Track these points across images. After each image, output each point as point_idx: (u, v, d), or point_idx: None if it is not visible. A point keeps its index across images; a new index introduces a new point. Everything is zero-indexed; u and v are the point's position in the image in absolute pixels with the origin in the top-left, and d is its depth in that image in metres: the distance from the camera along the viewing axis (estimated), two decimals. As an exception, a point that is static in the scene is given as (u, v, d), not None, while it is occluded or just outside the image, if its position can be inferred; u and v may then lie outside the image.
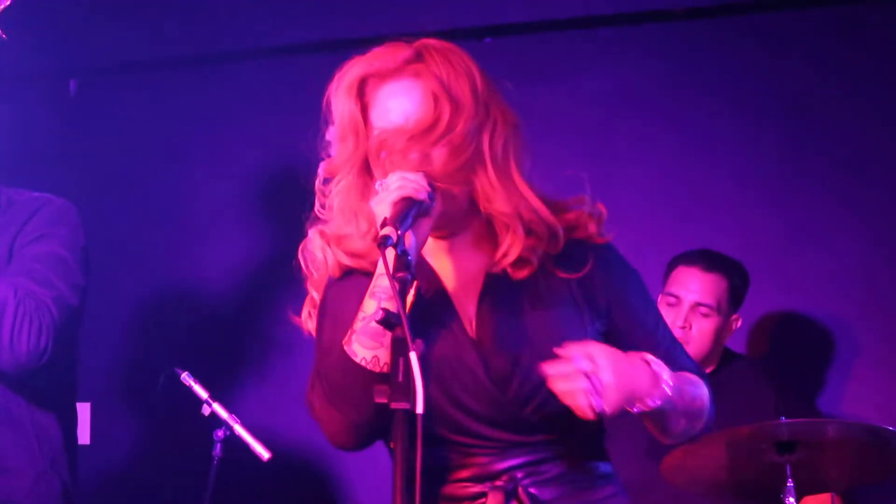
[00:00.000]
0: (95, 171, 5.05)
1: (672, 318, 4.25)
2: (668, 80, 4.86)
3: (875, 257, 4.66)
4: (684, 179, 4.82)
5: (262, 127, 4.99)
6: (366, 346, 2.42)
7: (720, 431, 3.86)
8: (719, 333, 4.32)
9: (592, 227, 2.64)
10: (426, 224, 2.46)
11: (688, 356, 2.72)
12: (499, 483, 2.52)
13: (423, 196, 2.43)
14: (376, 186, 2.48)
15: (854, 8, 4.72)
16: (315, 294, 2.65)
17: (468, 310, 2.58)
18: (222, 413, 4.04)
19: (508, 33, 4.94)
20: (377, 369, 2.41)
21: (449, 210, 2.53)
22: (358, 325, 2.43)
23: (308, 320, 2.67)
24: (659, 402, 2.47)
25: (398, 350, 2.25)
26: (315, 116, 2.65)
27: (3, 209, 3.42)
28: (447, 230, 2.59)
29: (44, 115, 4.92)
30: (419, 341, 2.23)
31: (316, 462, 4.82)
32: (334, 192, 2.59)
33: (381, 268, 2.40)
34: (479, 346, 2.54)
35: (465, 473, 2.53)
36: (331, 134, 2.60)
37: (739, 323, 4.39)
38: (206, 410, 4.05)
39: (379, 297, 2.42)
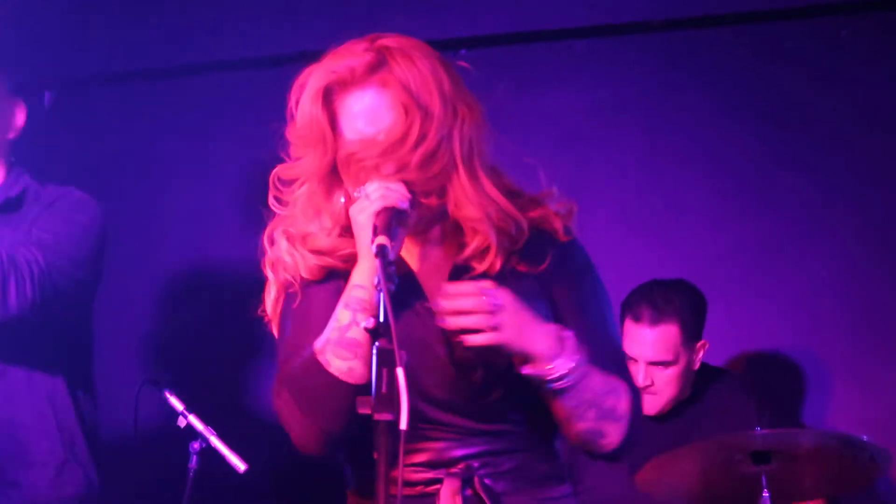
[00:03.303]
0: (69, 182, 5.03)
1: (632, 376, 4.21)
2: (645, 93, 4.87)
3: (851, 270, 4.68)
4: (660, 192, 4.83)
5: (238, 138, 4.98)
6: (341, 357, 2.41)
7: (694, 444, 3.88)
8: (685, 371, 4.26)
9: (557, 224, 2.64)
10: (402, 233, 2.46)
11: (619, 364, 2.64)
12: (454, 470, 2.51)
13: (404, 206, 2.43)
14: (354, 193, 2.48)
15: (830, 19, 4.74)
16: (273, 291, 2.63)
17: (436, 296, 2.56)
18: (198, 425, 4.03)
19: (484, 45, 4.94)
20: (352, 381, 2.41)
21: (423, 216, 2.54)
22: (333, 334, 2.43)
23: (271, 304, 2.65)
24: (556, 373, 2.44)
25: (382, 360, 2.25)
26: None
27: (29, 203, 3.58)
28: (418, 231, 2.58)
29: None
30: (404, 353, 2.23)
31: (293, 474, 4.81)
32: (298, 195, 2.58)
33: (355, 279, 2.44)
34: (445, 332, 2.51)
35: (420, 458, 2.51)
36: (290, 133, 2.57)
37: (706, 347, 4.32)
38: (181, 422, 4.04)
39: (354, 308, 2.42)
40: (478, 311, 2.35)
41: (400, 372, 2.21)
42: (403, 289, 2.46)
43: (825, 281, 4.69)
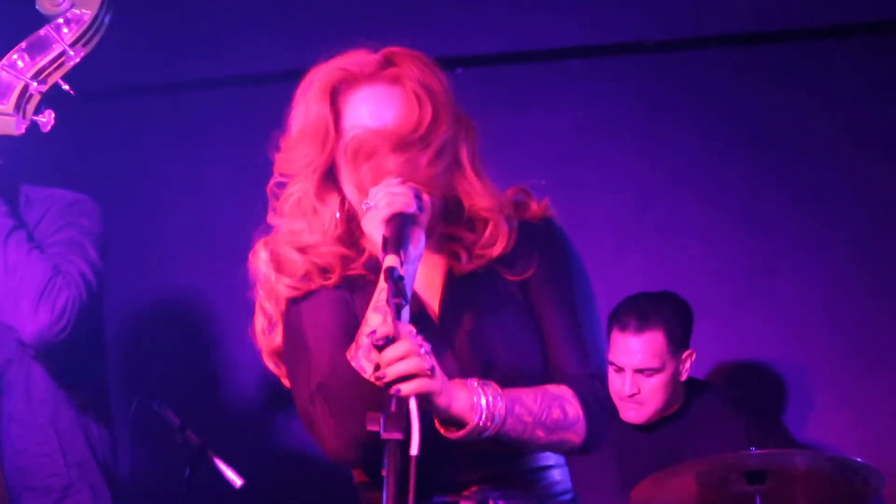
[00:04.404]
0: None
1: (619, 385, 4.24)
2: (638, 113, 4.89)
3: (840, 288, 4.70)
4: (653, 210, 4.85)
5: (234, 153, 4.98)
6: (373, 361, 2.34)
7: (689, 462, 3.89)
8: (672, 381, 4.27)
9: (534, 206, 2.66)
10: (419, 233, 2.45)
11: (591, 352, 2.62)
12: (468, 493, 2.52)
13: (413, 209, 2.42)
14: (363, 206, 2.46)
15: (820, 42, 4.78)
16: (269, 307, 2.61)
17: (433, 307, 2.59)
18: (194, 440, 4.03)
19: (480, 64, 4.96)
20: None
21: (432, 215, 2.52)
22: (363, 339, 2.40)
23: (262, 335, 2.63)
24: (480, 425, 2.40)
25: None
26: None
27: (22, 210, 3.43)
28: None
29: (15, 139, 4.88)
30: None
31: (290, 490, 4.80)
32: (290, 196, 2.57)
33: (382, 283, 2.37)
34: (450, 344, 2.53)
35: (435, 482, 2.50)
36: (286, 139, 2.57)
37: (693, 357, 4.33)
38: (178, 438, 4.03)
39: (384, 310, 2.36)
40: (413, 354, 2.28)
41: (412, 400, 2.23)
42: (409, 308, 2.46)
43: (815, 298, 4.71)
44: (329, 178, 2.56)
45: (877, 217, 4.73)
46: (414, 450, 2.19)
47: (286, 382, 2.65)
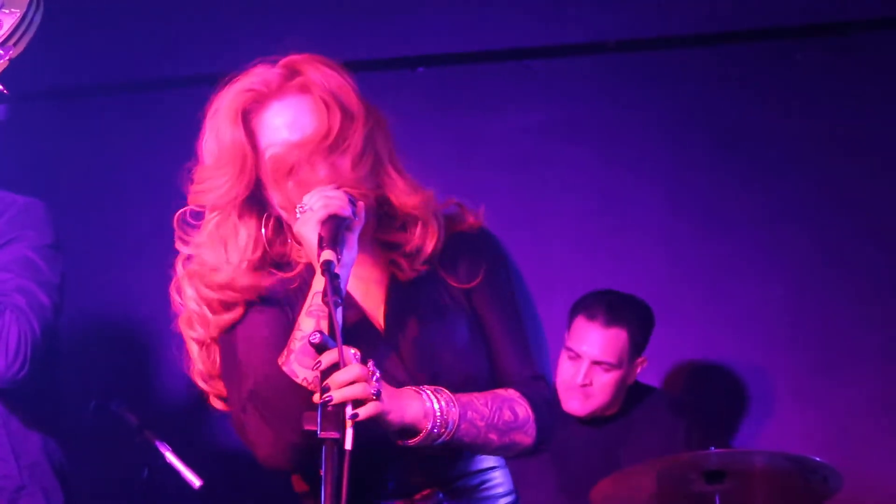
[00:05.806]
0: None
1: (572, 372, 4.25)
2: (599, 113, 4.90)
3: (803, 290, 4.72)
4: (615, 212, 4.86)
5: (193, 154, 4.96)
6: (306, 366, 2.38)
7: (649, 462, 3.90)
8: (622, 382, 4.29)
9: (470, 217, 2.67)
10: (353, 239, 2.44)
11: (526, 359, 2.63)
12: (418, 497, 2.53)
13: (348, 213, 2.41)
14: (297, 210, 2.45)
15: (784, 42, 4.79)
16: (200, 332, 2.58)
17: (377, 316, 2.59)
18: (153, 440, 4.01)
19: (441, 63, 4.95)
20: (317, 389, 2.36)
21: (367, 220, 2.52)
22: (296, 344, 2.41)
23: (197, 360, 2.62)
24: (432, 433, 2.41)
25: (328, 378, 2.26)
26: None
27: None
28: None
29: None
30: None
31: (249, 490, 4.78)
32: (209, 223, 2.55)
33: (316, 285, 2.40)
34: (397, 352, 2.54)
35: (383, 484, 2.52)
36: (200, 169, 2.54)
37: (645, 364, 4.35)
38: (136, 438, 4.02)
39: (317, 315, 2.39)
40: (362, 378, 2.30)
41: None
42: (347, 313, 2.47)
43: (776, 300, 4.72)
44: (250, 200, 2.54)
45: (839, 219, 4.75)
46: (348, 444, 2.19)
47: (214, 402, 2.67)
